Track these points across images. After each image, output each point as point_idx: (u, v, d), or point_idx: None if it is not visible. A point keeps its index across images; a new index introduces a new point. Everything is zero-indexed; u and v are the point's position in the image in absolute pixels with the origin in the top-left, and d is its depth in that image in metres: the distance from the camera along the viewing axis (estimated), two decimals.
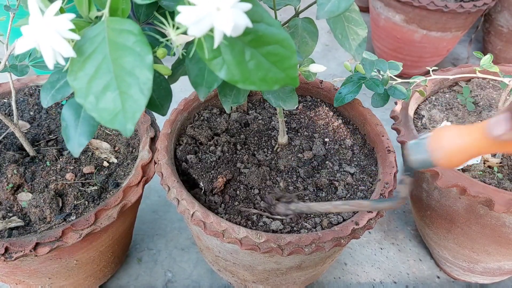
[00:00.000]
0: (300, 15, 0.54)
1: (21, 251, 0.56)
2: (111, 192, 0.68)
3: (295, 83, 0.31)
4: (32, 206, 0.63)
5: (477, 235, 0.74)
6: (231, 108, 0.80)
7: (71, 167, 0.71)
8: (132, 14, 0.46)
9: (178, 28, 0.30)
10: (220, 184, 0.64)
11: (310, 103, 0.83)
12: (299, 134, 0.77)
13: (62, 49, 0.29)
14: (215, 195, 0.64)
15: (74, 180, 0.69)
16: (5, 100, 0.83)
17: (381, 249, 1.00)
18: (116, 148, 0.76)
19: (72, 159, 0.72)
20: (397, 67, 0.75)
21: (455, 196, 0.72)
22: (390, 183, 0.65)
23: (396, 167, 0.68)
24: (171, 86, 0.43)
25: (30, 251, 0.57)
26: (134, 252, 0.95)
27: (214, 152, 0.70)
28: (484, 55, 0.75)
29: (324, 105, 0.83)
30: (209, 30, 0.28)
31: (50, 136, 0.77)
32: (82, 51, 0.30)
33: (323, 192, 0.67)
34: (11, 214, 0.64)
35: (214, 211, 0.62)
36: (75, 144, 0.36)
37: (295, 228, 0.61)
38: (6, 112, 0.81)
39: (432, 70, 0.81)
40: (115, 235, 0.73)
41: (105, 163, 0.73)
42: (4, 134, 0.75)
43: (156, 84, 0.39)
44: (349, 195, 0.66)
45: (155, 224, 1.01)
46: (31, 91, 0.85)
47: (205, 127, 0.74)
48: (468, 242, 0.78)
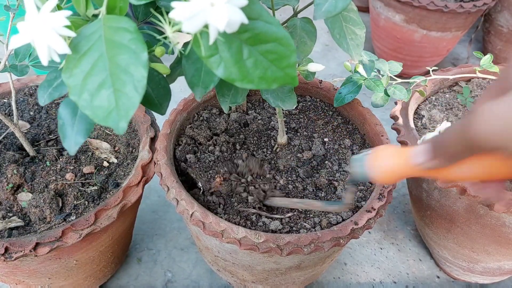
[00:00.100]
0: (298, 15, 0.54)
1: (21, 251, 0.56)
2: (111, 192, 0.68)
3: (294, 82, 0.31)
4: (32, 206, 0.63)
5: (477, 235, 0.74)
6: (230, 108, 0.80)
7: (71, 167, 0.71)
8: (131, 13, 0.47)
9: (175, 25, 0.30)
10: (218, 183, 0.64)
11: (309, 103, 0.83)
12: (299, 134, 0.77)
13: (57, 46, 0.29)
14: (213, 195, 0.64)
15: (74, 180, 0.69)
16: (5, 100, 0.83)
17: (381, 249, 0.99)
18: (116, 148, 0.76)
19: (72, 159, 0.72)
20: (397, 67, 0.75)
21: (455, 196, 0.72)
22: (390, 184, 0.65)
23: None
24: (170, 86, 0.43)
25: (30, 251, 0.57)
26: (134, 252, 0.95)
27: (212, 152, 0.70)
28: (484, 55, 0.75)
29: (323, 105, 0.83)
30: (204, 26, 0.28)
31: (50, 136, 0.77)
32: (78, 49, 0.30)
33: (323, 192, 0.67)
34: (11, 214, 0.64)
35: (213, 211, 0.62)
36: (72, 142, 0.36)
37: (294, 228, 0.61)
38: (6, 112, 0.81)
39: (432, 70, 0.81)
40: (115, 235, 0.73)
41: (105, 163, 0.73)
42: (4, 134, 0.75)
43: (155, 83, 0.39)
44: None
45: (154, 224, 1.01)
46: (31, 91, 0.85)
47: (204, 128, 0.74)
48: (468, 242, 0.78)
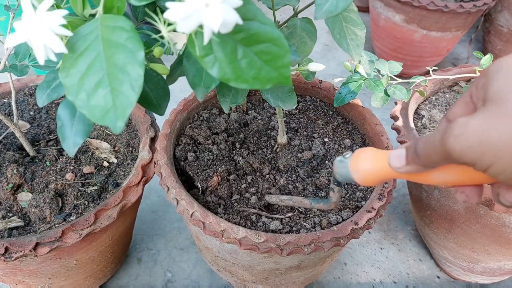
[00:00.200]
0: (299, 15, 0.54)
1: (21, 251, 0.56)
2: (111, 192, 0.68)
3: (287, 82, 0.31)
4: (32, 206, 0.63)
5: (477, 235, 0.74)
6: (231, 108, 0.80)
7: (71, 167, 0.71)
8: (131, 13, 0.46)
9: (170, 25, 0.30)
10: (215, 182, 0.64)
11: (309, 103, 0.83)
12: (299, 134, 0.77)
13: (54, 44, 0.29)
14: (212, 195, 0.64)
15: (74, 180, 0.69)
16: (5, 100, 0.83)
17: (381, 249, 0.99)
18: (116, 148, 0.76)
19: (72, 159, 0.72)
20: (397, 67, 0.75)
21: (455, 196, 0.72)
22: (390, 183, 0.65)
23: None
24: (170, 87, 0.43)
25: (30, 251, 0.57)
26: (134, 252, 0.95)
27: (211, 151, 0.70)
28: (484, 55, 0.75)
29: (323, 105, 0.83)
30: (199, 26, 0.28)
31: (50, 136, 0.77)
32: (75, 48, 0.30)
33: (323, 192, 0.67)
34: (11, 214, 0.64)
35: (213, 211, 0.62)
36: (71, 143, 0.36)
37: (294, 228, 0.61)
38: (6, 112, 0.81)
39: (432, 70, 0.81)
40: (115, 235, 0.73)
41: (105, 163, 0.73)
42: (4, 134, 0.75)
43: (153, 84, 0.39)
44: (348, 195, 0.66)
45: (154, 224, 1.01)
46: (31, 91, 0.85)
47: (204, 127, 0.74)
48: (468, 242, 0.78)
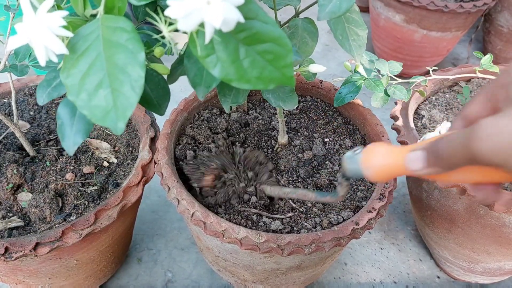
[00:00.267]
0: (300, 15, 0.54)
1: (21, 251, 0.56)
2: (111, 192, 0.68)
3: (290, 83, 0.31)
4: (32, 206, 0.63)
5: (477, 235, 0.74)
6: (231, 108, 0.80)
7: (71, 167, 0.71)
8: (131, 13, 0.46)
9: (171, 25, 0.30)
10: (209, 181, 0.64)
11: (310, 103, 0.83)
12: (299, 134, 0.77)
13: (55, 46, 0.29)
14: (209, 197, 0.64)
15: (74, 180, 0.69)
16: (5, 100, 0.83)
17: (381, 249, 0.99)
18: (116, 148, 0.76)
19: (72, 159, 0.72)
20: (397, 67, 0.75)
21: (455, 196, 0.72)
22: (390, 183, 0.65)
23: None
24: (171, 86, 0.43)
25: (30, 251, 0.57)
26: (134, 252, 0.95)
27: (209, 150, 0.70)
28: (484, 55, 0.75)
29: (324, 105, 0.83)
30: (200, 25, 0.28)
31: (50, 136, 0.77)
32: (75, 49, 0.30)
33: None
34: (11, 214, 0.64)
35: (214, 211, 0.62)
36: (71, 142, 0.36)
37: (295, 228, 0.61)
38: (6, 112, 0.81)
39: (432, 70, 0.81)
40: (115, 235, 0.73)
41: (105, 163, 0.73)
42: (4, 134, 0.75)
43: (154, 84, 0.39)
44: (348, 195, 0.66)
45: (155, 224, 1.01)
46: (31, 91, 0.85)
47: (205, 127, 0.74)
48: (468, 242, 0.78)
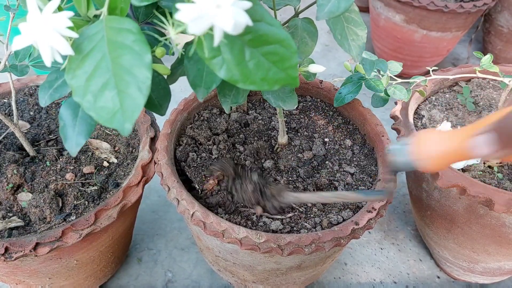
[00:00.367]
0: (300, 15, 0.54)
1: (21, 251, 0.56)
2: (111, 192, 0.68)
3: (295, 83, 0.31)
4: (32, 206, 0.63)
5: (477, 235, 0.74)
6: (231, 108, 0.80)
7: (71, 167, 0.71)
8: (132, 14, 0.46)
9: (178, 27, 0.30)
10: (211, 185, 0.64)
11: (310, 103, 0.83)
12: (299, 134, 0.77)
13: (60, 46, 0.29)
14: (211, 196, 0.64)
15: (74, 180, 0.69)
16: (5, 100, 0.83)
17: (381, 249, 0.99)
18: (116, 148, 0.76)
19: (72, 159, 0.72)
20: (397, 67, 0.75)
21: (455, 196, 0.72)
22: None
23: None
24: (171, 86, 0.43)
25: (30, 251, 0.57)
26: (134, 252, 0.95)
27: (210, 151, 0.70)
28: (484, 55, 0.75)
29: (324, 105, 0.83)
30: (209, 28, 0.28)
31: (50, 136, 0.77)
32: (80, 49, 0.30)
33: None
34: (11, 214, 0.64)
35: (214, 211, 0.62)
36: (73, 143, 0.36)
37: (295, 228, 0.61)
38: (6, 112, 0.81)
39: (432, 70, 0.81)
40: (115, 235, 0.73)
41: (105, 163, 0.73)
42: (4, 134, 0.75)
43: (155, 84, 0.39)
44: None
45: (155, 224, 1.01)
46: (31, 91, 0.85)
47: (205, 128, 0.74)
48: (468, 242, 0.78)
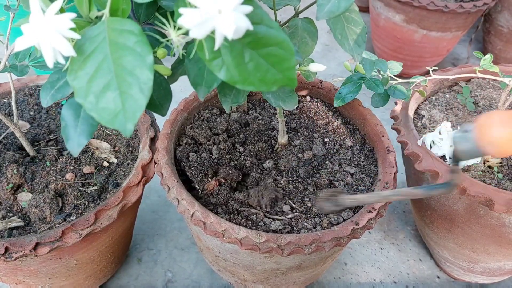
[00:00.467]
0: (300, 15, 0.54)
1: (21, 251, 0.56)
2: (111, 192, 0.68)
3: (293, 84, 0.31)
4: (32, 206, 0.63)
5: (477, 235, 0.74)
6: (231, 108, 0.80)
7: (71, 167, 0.71)
8: (132, 14, 0.46)
9: (179, 29, 0.30)
10: (212, 186, 0.64)
11: (310, 103, 0.83)
12: (299, 134, 0.77)
13: (63, 48, 0.29)
14: (211, 196, 0.64)
15: (74, 180, 0.69)
16: (5, 100, 0.83)
17: (381, 249, 0.99)
18: (116, 148, 0.76)
19: (72, 159, 0.72)
20: (397, 67, 0.75)
21: (455, 196, 0.72)
22: (390, 183, 0.65)
23: (396, 167, 0.67)
24: (171, 86, 0.43)
25: (30, 251, 0.57)
26: (134, 252, 0.95)
27: (210, 152, 0.70)
28: (484, 55, 0.75)
29: (324, 105, 0.83)
30: (210, 32, 0.28)
31: (50, 136, 0.77)
32: (82, 51, 0.30)
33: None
34: (11, 214, 0.64)
35: (214, 211, 0.62)
36: (75, 144, 0.36)
37: (295, 228, 0.61)
38: (6, 112, 0.81)
39: (432, 70, 0.81)
40: (115, 235, 0.73)
41: (105, 163, 0.73)
42: (4, 134, 0.75)
43: (156, 84, 0.39)
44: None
45: (155, 224, 1.01)
46: (31, 91, 0.85)
47: (205, 127, 0.74)
48: (468, 242, 0.78)
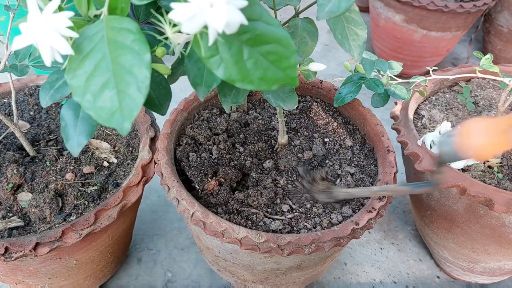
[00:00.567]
0: (300, 15, 0.54)
1: (21, 251, 0.56)
2: (111, 192, 0.68)
3: (294, 83, 0.31)
4: (32, 206, 0.63)
5: (477, 235, 0.74)
6: (231, 108, 0.80)
7: (71, 167, 0.71)
8: (132, 14, 0.46)
9: (175, 26, 0.30)
10: (212, 186, 0.64)
11: (310, 103, 0.83)
12: (299, 134, 0.77)
13: (60, 46, 0.29)
14: (210, 196, 0.64)
15: (74, 180, 0.69)
16: (5, 100, 0.83)
17: (381, 249, 0.99)
18: (116, 148, 0.76)
19: (72, 159, 0.72)
20: (397, 67, 0.75)
21: (455, 196, 0.72)
22: (390, 183, 0.65)
23: (396, 167, 0.67)
24: (171, 86, 0.43)
25: (30, 251, 0.57)
26: (134, 252, 0.95)
27: (210, 152, 0.70)
28: (484, 55, 0.75)
29: (324, 105, 0.83)
30: (204, 27, 0.28)
31: (50, 136, 0.77)
32: (80, 49, 0.30)
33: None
34: (11, 214, 0.64)
35: (213, 211, 0.62)
36: (74, 143, 0.36)
37: (295, 228, 0.61)
38: (6, 112, 0.81)
39: (432, 70, 0.81)
40: (115, 235, 0.73)
41: (105, 163, 0.73)
42: (4, 134, 0.75)
43: (155, 84, 0.39)
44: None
45: (154, 224, 1.01)
46: (31, 91, 0.85)
47: (205, 127, 0.74)
48: (468, 242, 0.78)
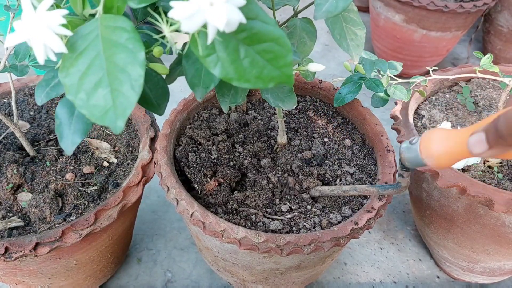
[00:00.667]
0: (298, 15, 0.54)
1: (21, 251, 0.57)
2: (111, 192, 0.68)
3: (290, 81, 0.31)
4: (32, 206, 0.63)
5: (477, 235, 0.74)
6: (230, 108, 0.80)
7: (71, 167, 0.71)
8: (130, 13, 0.47)
9: (172, 25, 0.30)
10: (211, 186, 0.64)
11: (309, 103, 0.83)
12: (299, 134, 0.77)
13: (54, 44, 0.29)
14: (210, 196, 0.64)
15: (74, 180, 0.69)
16: (5, 100, 0.83)
17: (381, 249, 0.99)
18: (116, 148, 0.76)
19: (72, 159, 0.72)
20: (397, 67, 0.75)
21: (455, 196, 0.72)
22: (390, 183, 0.65)
23: (396, 166, 0.68)
24: (170, 86, 0.43)
25: (30, 251, 0.57)
26: (134, 252, 0.95)
27: (210, 152, 0.70)
28: (484, 55, 0.75)
29: (323, 105, 0.83)
30: (203, 26, 0.28)
31: (50, 136, 0.78)
32: (74, 48, 0.30)
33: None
34: (11, 214, 0.64)
35: (213, 211, 0.62)
36: (69, 142, 0.36)
37: (294, 228, 0.61)
38: (6, 112, 0.81)
39: (432, 70, 0.81)
40: (115, 235, 0.73)
41: (105, 163, 0.73)
42: (4, 134, 0.75)
43: (153, 83, 0.39)
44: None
45: (154, 224, 1.01)
46: (31, 91, 0.85)
47: (204, 128, 0.74)
48: (468, 242, 0.78)
